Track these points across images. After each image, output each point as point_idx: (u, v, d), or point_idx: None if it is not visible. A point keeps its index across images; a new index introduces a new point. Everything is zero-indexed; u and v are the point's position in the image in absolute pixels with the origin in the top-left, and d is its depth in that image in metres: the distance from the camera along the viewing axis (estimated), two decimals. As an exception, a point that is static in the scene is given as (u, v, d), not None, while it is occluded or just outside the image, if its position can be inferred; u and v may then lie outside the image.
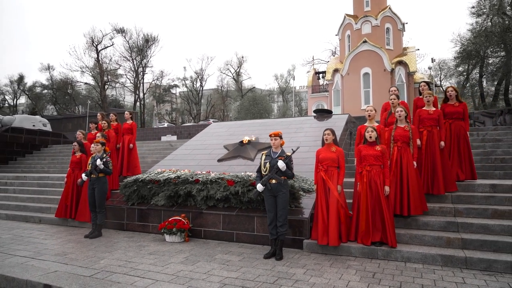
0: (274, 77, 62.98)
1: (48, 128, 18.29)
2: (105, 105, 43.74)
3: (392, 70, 29.73)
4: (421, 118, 6.20)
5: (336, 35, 34.67)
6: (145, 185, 6.95)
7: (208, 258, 5.06)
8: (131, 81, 48.17)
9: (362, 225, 5.11)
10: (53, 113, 50.33)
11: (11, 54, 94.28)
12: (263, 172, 5.19)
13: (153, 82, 50.57)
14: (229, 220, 6.14)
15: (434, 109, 6.24)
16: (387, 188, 5.06)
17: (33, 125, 17.29)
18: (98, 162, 6.47)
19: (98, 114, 9.36)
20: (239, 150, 8.52)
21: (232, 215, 6.11)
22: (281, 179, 5.04)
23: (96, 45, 45.25)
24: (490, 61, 28.11)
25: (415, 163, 5.53)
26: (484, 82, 33.32)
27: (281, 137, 5.28)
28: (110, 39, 45.81)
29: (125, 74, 48.37)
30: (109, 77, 47.49)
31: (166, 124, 37.07)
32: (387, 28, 31.03)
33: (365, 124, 5.83)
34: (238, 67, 50.82)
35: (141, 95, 48.34)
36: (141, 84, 48.42)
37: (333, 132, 5.48)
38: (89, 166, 6.65)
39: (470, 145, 6.52)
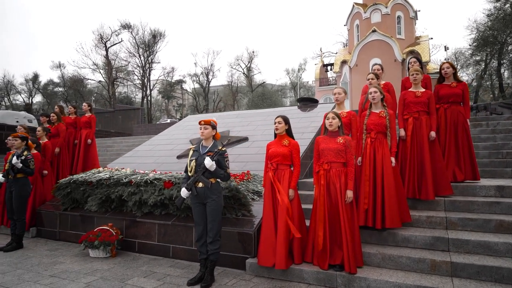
0: (286, 71, 61.63)
1: (34, 124, 17.46)
2: (114, 102, 43.05)
3: (403, 61, 27.94)
4: (406, 101, 4.85)
5: (344, 25, 32.99)
6: (78, 187, 5.85)
7: (116, 285, 3.90)
8: (139, 78, 47.50)
9: (318, 242, 3.86)
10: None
11: (22, 52, 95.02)
12: (189, 173, 4.00)
13: (160, 78, 49.88)
14: (165, 230, 4.97)
15: (423, 90, 4.87)
16: (349, 193, 3.76)
17: (17, 121, 16.48)
18: (14, 160, 5.38)
19: (56, 107, 8.43)
20: (203, 145, 7.32)
21: (168, 224, 4.94)
22: (209, 182, 3.83)
23: (105, 42, 44.59)
24: (509, 48, 26.04)
25: (393, 159, 4.21)
26: (505, 73, 31.06)
27: (213, 127, 4.05)
28: (117, 35, 45.14)
29: (133, 71, 47.73)
30: (117, 74, 46.86)
31: (168, 120, 36.12)
32: (398, 17, 29.21)
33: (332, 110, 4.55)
34: (248, 62, 49.56)
35: (148, 91, 47.62)
36: (148, 81, 47.68)
37: (285, 120, 4.23)
38: (7, 164, 5.58)
39: (470, 136, 5.10)
